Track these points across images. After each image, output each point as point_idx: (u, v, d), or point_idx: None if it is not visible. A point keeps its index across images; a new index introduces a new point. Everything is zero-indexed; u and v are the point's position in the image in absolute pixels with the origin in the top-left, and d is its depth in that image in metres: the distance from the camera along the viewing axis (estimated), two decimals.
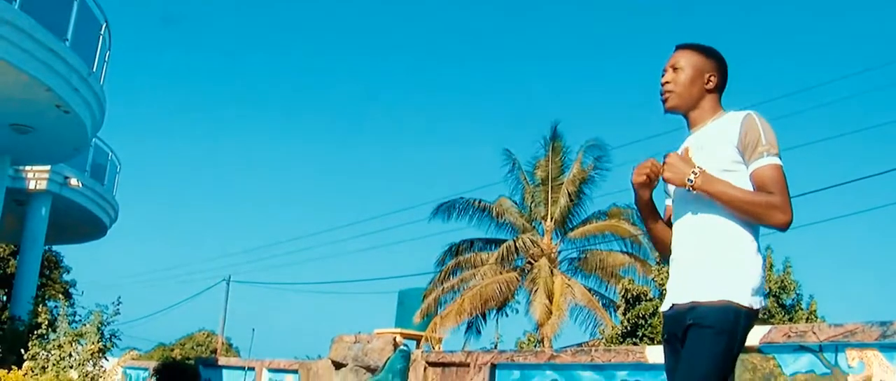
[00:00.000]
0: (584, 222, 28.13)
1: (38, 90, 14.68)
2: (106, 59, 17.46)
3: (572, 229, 28.07)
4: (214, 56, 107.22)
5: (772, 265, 22.45)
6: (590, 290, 27.34)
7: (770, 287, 21.91)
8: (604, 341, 23.15)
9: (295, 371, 19.25)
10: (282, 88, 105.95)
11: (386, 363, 16.45)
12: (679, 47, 3.92)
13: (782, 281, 22.28)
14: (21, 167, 20.99)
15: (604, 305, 26.84)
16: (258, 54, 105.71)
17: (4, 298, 31.71)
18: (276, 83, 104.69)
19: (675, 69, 3.85)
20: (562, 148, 28.32)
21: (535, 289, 26.04)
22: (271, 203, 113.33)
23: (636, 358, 12.25)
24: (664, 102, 3.88)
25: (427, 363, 15.83)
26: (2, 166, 18.49)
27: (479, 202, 28.40)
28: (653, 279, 22.83)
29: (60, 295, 34.57)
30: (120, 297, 15.20)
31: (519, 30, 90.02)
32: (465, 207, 28.47)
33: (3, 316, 24.87)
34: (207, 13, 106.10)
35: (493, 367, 14.24)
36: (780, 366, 9.39)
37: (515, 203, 28.77)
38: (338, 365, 16.88)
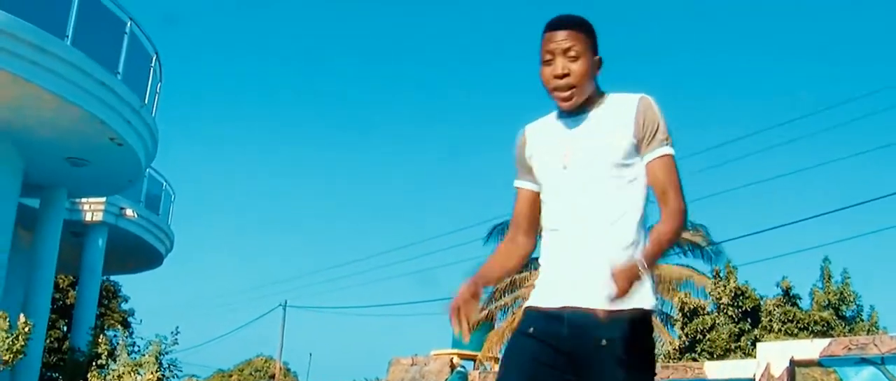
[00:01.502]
0: None
1: (92, 124, 14.89)
2: (157, 90, 17.66)
3: None
4: (263, 76, 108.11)
5: (830, 276, 22.14)
6: None
7: (829, 299, 21.61)
8: (662, 357, 22.92)
9: None
10: (334, 108, 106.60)
11: None
12: (561, 27, 3.23)
13: (841, 292, 21.93)
14: (77, 200, 21.28)
15: (661, 320, 26.58)
16: (306, 71, 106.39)
17: (65, 328, 32.10)
18: (328, 104, 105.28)
19: (569, 57, 3.19)
20: None
21: None
22: (326, 227, 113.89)
23: (695, 374, 12.16)
24: (567, 101, 3.21)
25: None
26: (59, 199, 18.74)
27: None
28: (709, 293, 22.57)
29: (119, 324, 35.05)
30: (178, 327, 15.32)
31: None
32: None
33: (64, 347, 25.18)
34: (251, 27, 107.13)
35: None
36: (841, 379, 9.26)
37: None
38: None
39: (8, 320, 13.66)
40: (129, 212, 22.55)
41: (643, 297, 3.05)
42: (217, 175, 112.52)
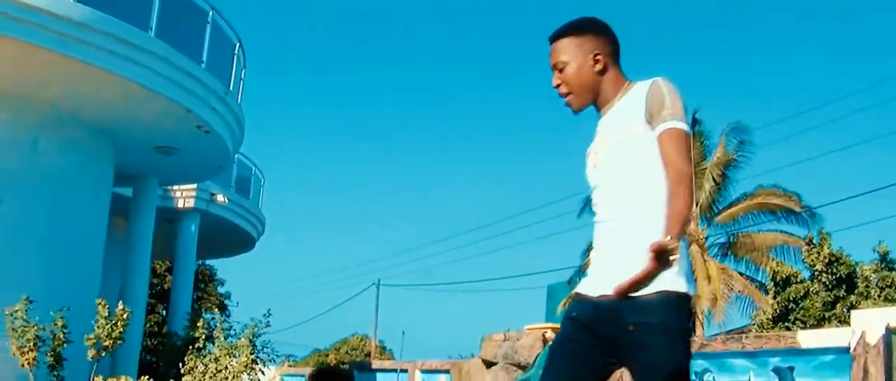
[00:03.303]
0: (730, 206, 27.53)
1: (179, 113, 15.17)
2: (242, 77, 17.92)
3: (718, 214, 27.52)
4: (350, 50, 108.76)
5: None
6: (741, 274, 26.82)
7: None
8: (755, 326, 22.64)
9: (447, 371, 19.39)
10: (424, 83, 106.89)
11: (536, 359, 16.42)
12: (552, 41, 3.49)
13: None
14: (169, 187, 21.70)
15: (759, 289, 26.23)
16: (399, 46, 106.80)
17: (164, 313, 32.81)
18: (418, 77, 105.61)
19: (558, 68, 3.44)
20: (702, 134, 27.78)
21: (694, 278, 25.51)
22: (418, 204, 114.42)
23: (788, 343, 11.96)
24: (568, 105, 3.48)
25: None
26: (151, 187, 19.14)
27: None
28: (803, 260, 22.23)
29: (216, 308, 35.63)
30: (270, 309, 15.48)
31: (654, 15, 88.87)
32: None
33: (163, 331, 25.72)
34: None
35: None
36: None
37: None
38: (488, 364, 16.95)
39: (107, 307, 13.98)
40: (219, 197, 22.91)
41: (671, 280, 3.11)
42: (307, 156, 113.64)
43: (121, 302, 14.63)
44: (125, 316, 14.12)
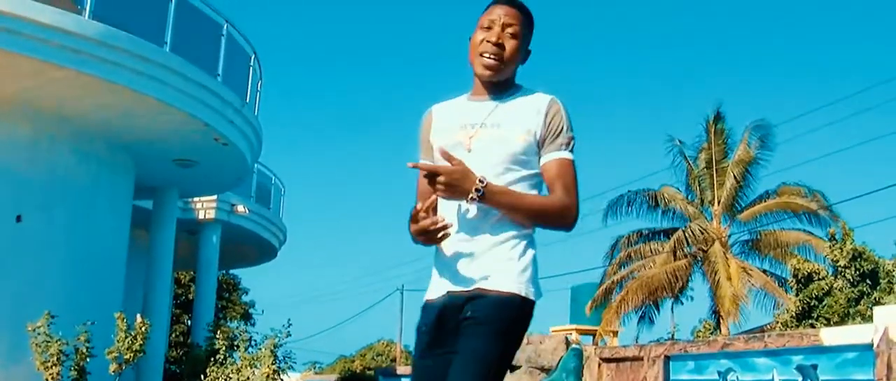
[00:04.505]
0: (753, 204, 27.48)
1: (196, 126, 15.24)
2: (258, 88, 18.00)
3: (741, 212, 27.47)
4: (367, 60, 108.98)
5: None
6: (765, 271, 26.75)
7: None
8: (778, 324, 22.52)
9: None
10: (437, 87, 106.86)
11: (559, 362, 16.41)
12: (512, 4, 3.31)
13: None
14: (189, 199, 21.79)
15: (780, 285, 26.15)
16: (430, 59, 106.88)
17: (189, 322, 32.99)
18: (447, 82, 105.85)
19: (508, 32, 3.25)
20: (724, 130, 27.76)
21: (716, 277, 25.50)
22: None
23: (812, 342, 11.89)
24: (490, 69, 3.24)
25: (601, 359, 15.74)
26: (171, 200, 19.22)
27: (647, 193, 28.09)
28: (826, 257, 22.10)
29: (241, 317, 35.75)
30: (289, 319, 15.53)
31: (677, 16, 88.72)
32: (634, 199, 28.17)
33: (188, 341, 25.85)
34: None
35: (667, 359, 14.06)
36: None
37: (679, 190, 28.31)
38: (512, 367, 16.91)
39: (126, 320, 14.03)
40: (240, 208, 22.98)
41: (519, 284, 3.16)
42: (326, 167, 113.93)
43: (139, 315, 14.70)
44: (144, 329, 14.16)
